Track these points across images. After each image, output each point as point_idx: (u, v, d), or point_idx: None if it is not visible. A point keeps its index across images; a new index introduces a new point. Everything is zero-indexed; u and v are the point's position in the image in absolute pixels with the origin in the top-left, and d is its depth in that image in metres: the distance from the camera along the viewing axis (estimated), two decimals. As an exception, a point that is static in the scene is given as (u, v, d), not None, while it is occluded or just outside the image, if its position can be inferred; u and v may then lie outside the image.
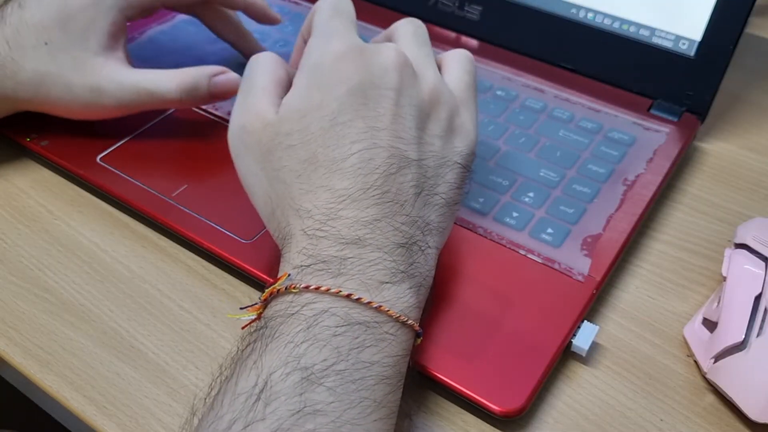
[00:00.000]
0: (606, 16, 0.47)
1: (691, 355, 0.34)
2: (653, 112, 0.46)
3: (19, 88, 0.39)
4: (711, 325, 0.33)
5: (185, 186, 0.40)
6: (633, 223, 0.38)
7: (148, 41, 0.51)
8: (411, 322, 0.28)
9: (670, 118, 0.45)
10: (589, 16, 0.47)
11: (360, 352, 0.26)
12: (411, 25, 0.35)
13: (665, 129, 0.44)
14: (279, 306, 0.27)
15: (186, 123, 0.45)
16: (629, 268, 0.38)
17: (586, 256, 0.36)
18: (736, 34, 0.42)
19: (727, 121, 0.48)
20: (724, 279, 0.34)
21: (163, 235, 0.39)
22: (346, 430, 0.24)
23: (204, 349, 0.34)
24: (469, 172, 0.33)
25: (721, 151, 0.46)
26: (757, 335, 0.31)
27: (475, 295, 0.34)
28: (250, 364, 0.26)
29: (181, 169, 0.41)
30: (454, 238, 0.37)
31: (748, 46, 0.54)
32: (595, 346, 0.34)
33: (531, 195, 0.40)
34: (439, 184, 0.31)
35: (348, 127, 0.30)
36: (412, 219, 0.30)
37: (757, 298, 0.32)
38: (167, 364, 0.33)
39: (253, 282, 0.36)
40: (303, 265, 0.28)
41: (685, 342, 0.34)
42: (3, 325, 0.35)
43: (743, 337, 0.31)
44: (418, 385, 0.32)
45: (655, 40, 0.46)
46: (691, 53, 0.44)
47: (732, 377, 0.31)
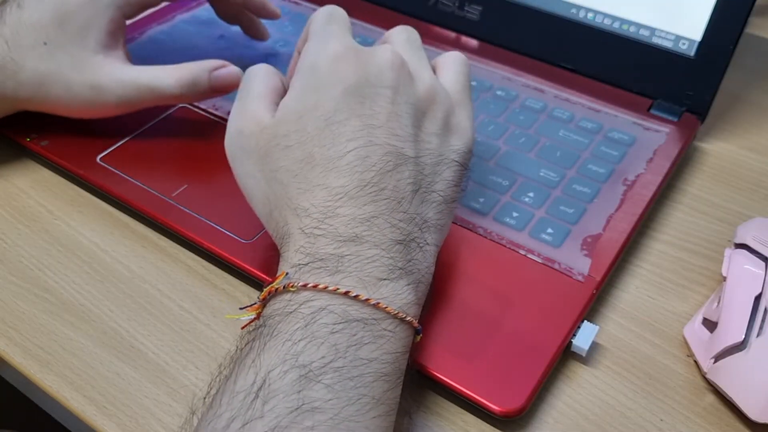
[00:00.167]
0: (606, 16, 0.47)
1: (691, 355, 0.34)
2: (653, 112, 0.46)
3: (19, 87, 0.39)
4: (711, 325, 0.33)
5: (185, 186, 0.40)
6: (633, 223, 0.38)
7: (148, 41, 0.51)
8: (409, 318, 0.28)
9: (670, 118, 0.45)
10: (589, 16, 0.47)
11: (358, 349, 0.26)
12: (404, 33, 0.35)
13: (665, 129, 0.44)
14: (277, 304, 0.27)
15: (186, 123, 0.45)
16: (629, 268, 0.38)
17: (586, 256, 0.36)
18: (736, 34, 0.42)
19: (727, 121, 0.48)
20: (724, 279, 0.34)
21: (163, 235, 0.39)
22: (344, 427, 0.24)
23: (204, 349, 0.34)
24: (467, 170, 0.33)
25: (721, 151, 0.46)
26: (757, 335, 0.31)
27: (475, 295, 0.34)
28: (249, 363, 0.26)
29: (181, 169, 0.41)
30: (454, 238, 0.37)
31: (748, 46, 0.54)
32: (595, 346, 0.34)
33: (531, 195, 0.40)
34: (437, 181, 0.31)
35: (344, 126, 0.30)
36: (409, 216, 0.30)
37: (757, 298, 0.32)
38: (167, 364, 0.33)
39: (253, 282, 0.36)
40: (301, 264, 0.28)
41: (685, 342, 0.34)
42: (3, 325, 0.35)
43: (743, 337, 0.31)
44: (417, 384, 0.32)
45: (655, 40, 0.46)
46: (691, 53, 0.44)
47: (732, 377, 0.31)
